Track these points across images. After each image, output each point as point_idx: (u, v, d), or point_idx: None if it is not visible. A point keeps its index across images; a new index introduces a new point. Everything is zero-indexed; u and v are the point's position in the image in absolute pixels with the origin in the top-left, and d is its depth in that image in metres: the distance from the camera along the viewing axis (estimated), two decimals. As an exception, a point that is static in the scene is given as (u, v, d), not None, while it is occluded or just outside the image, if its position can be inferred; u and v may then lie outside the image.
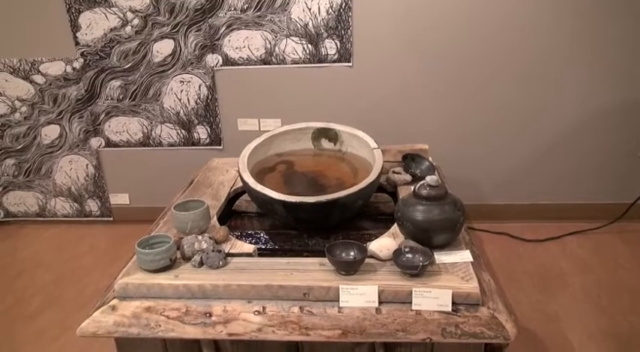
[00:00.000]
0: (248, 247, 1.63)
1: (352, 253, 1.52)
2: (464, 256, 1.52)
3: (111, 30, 2.65)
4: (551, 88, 2.56)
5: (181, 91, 2.73)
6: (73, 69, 2.73)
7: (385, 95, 2.64)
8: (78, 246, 2.82)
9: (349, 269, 1.47)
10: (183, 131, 2.80)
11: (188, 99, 2.74)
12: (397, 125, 2.66)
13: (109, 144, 2.88)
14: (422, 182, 1.58)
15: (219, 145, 2.80)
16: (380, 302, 1.40)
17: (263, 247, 1.77)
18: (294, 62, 2.61)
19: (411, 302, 1.39)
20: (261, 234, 1.84)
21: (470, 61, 2.56)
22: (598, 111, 2.58)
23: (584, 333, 1.96)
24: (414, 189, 1.59)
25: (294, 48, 2.59)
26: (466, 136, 2.69)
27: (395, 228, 1.67)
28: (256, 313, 1.42)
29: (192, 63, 2.67)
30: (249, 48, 2.62)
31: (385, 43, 2.56)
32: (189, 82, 2.71)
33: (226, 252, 1.58)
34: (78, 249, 2.78)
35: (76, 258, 2.69)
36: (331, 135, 2.09)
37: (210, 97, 2.73)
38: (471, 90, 2.61)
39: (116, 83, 2.75)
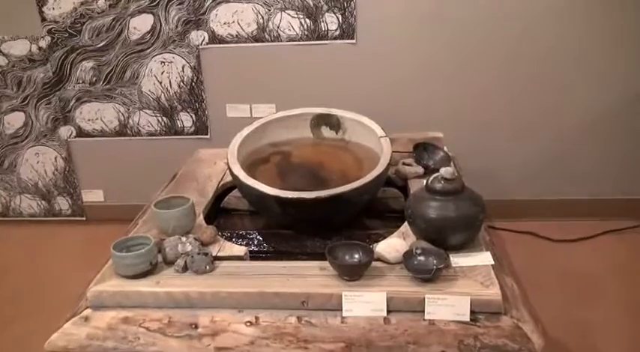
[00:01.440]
0: (239, 249, 1.63)
1: (357, 256, 1.52)
2: (484, 258, 1.52)
3: (81, 4, 2.63)
4: (582, 71, 2.55)
5: (162, 73, 2.72)
6: (39, 48, 2.72)
7: (394, 76, 2.63)
8: (46, 249, 2.82)
9: (353, 273, 1.47)
10: (164, 118, 2.79)
11: (170, 82, 2.74)
12: (408, 111, 2.65)
13: (81, 133, 2.87)
14: (436, 175, 1.58)
15: (206, 134, 2.80)
16: (388, 311, 1.40)
17: (256, 249, 1.77)
18: (291, 39, 2.60)
19: (423, 311, 1.39)
20: (254, 235, 1.84)
21: (491, 40, 2.54)
22: (635, 95, 2.57)
23: (620, 347, 1.95)
24: (427, 182, 1.59)
25: (289, 23, 2.58)
26: (485, 123, 2.68)
27: (405, 226, 1.67)
28: (248, 324, 1.42)
29: (174, 41, 2.66)
30: (238, 23, 2.60)
31: (394, 18, 2.54)
32: (171, 62, 2.70)
33: (214, 255, 1.59)
34: (46, 253, 2.78)
35: (44, 263, 2.69)
36: (333, 122, 2.08)
37: (195, 80, 2.72)
38: (491, 72, 2.59)
39: (88, 64, 2.74)
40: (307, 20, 2.56)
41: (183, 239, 1.60)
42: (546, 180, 2.76)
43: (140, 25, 2.65)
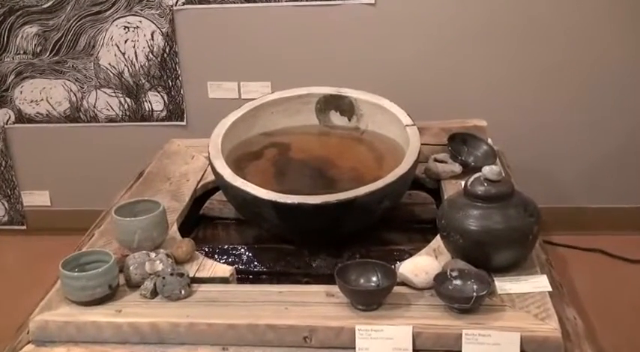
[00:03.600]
0: (223, 269, 1.63)
1: (374, 278, 1.52)
2: (538, 283, 1.52)
3: (23, -49, 2.67)
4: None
5: (126, 42, 2.72)
6: (-32, 9, 2.74)
7: (423, 46, 2.62)
8: (-24, 266, 2.83)
9: (370, 301, 1.47)
10: (128, 100, 2.79)
11: (136, 52, 2.74)
12: (440, 91, 2.64)
13: (21, 118, 2.88)
14: (477, 175, 1.59)
15: (181, 120, 2.80)
16: (415, 351, 1.39)
17: (245, 269, 1.78)
18: (291, -2, 2.64)
19: (460, 351, 1.38)
20: (242, 250, 1.84)
21: (551, 5, 2.53)
22: None
23: None
24: (466, 184, 1.59)
25: (291, -24, 2.61)
26: (542, 110, 2.67)
27: (437, 241, 1.67)
28: (235, 366, 1.42)
29: (141, 0, 2.67)
30: (223, -23, 2.63)
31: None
32: (137, 27, 2.70)
33: (191, 276, 1.58)
34: (-24, 271, 2.79)
35: (-26, 284, 2.69)
36: (344, 106, 2.07)
37: (168, 50, 2.72)
38: (555, 43, 2.58)
39: (31, 30, 2.74)
40: (314, -27, 2.59)
41: (152, 255, 1.59)
42: (620, 183, 2.75)
43: (98, -22, 2.67)
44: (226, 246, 1.86)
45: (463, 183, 1.62)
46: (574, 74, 2.62)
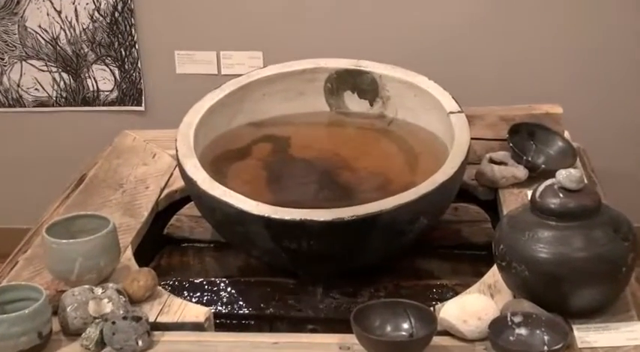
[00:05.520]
0: (196, 311, 1.62)
1: (405, 325, 1.52)
2: (634, 333, 1.50)
3: None
4: None
5: (62, -4, 2.78)
6: None
7: (474, 8, 2.63)
8: None
9: (400, 357, 1.47)
10: (65, 76, 2.80)
11: (76, 10, 2.75)
12: (498, 66, 2.64)
13: None
14: (549, 182, 1.58)
15: (139, 105, 2.82)
16: None
17: (226, 311, 1.78)
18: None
19: None
20: (222, 286, 1.84)
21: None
22: None
23: None
24: (534, 195, 1.59)
25: None
26: (638, 95, 2.69)
27: (493, 274, 1.67)
28: None
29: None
30: None
31: None
32: (78, -24, 2.75)
33: (151, 320, 1.57)
34: None
35: None
36: (365, 85, 2.07)
37: (120, 7, 2.73)
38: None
39: None
40: None
41: (98, 291, 1.58)
42: None
43: None
44: (200, 280, 1.85)
45: (530, 193, 1.62)
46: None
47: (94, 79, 2.80)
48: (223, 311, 1.77)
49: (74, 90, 2.82)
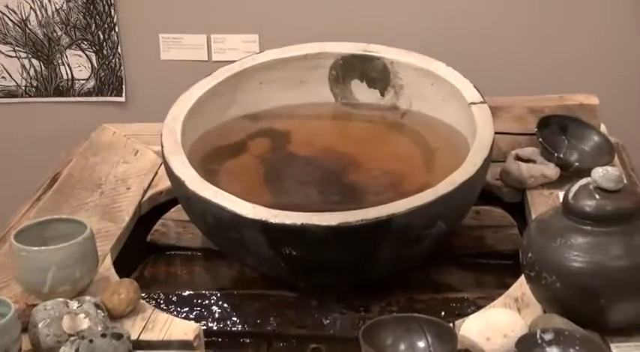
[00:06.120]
0: (184, 328, 1.62)
1: (421, 344, 1.53)
2: (683, 355, 1.49)
3: None
4: None
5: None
6: None
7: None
8: None
9: (416, 380, 1.46)
10: (35, 63, 2.81)
11: (48, -12, 2.79)
12: (526, 51, 2.65)
13: None
14: (583, 181, 1.58)
15: (119, 95, 2.83)
16: None
17: (217, 328, 1.78)
18: None
19: None
20: (214, 299, 1.84)
21: None
22: None
23: None
24: (567, 196, 1.58)
25: None
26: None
27: (521, 285, 1.68)
28: None
29: None
30: None
31: None
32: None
33: (134, 338, 1.56)
34: None
35: None
36: (375, 73, 2.08)
37: (98, -14, 2.78)
38: None
39: None
40: None
41: (74, 305, 1.58)
42: None
43: None
44: (189, 293, 1.85)
45: (562, 194, 1.62)
46: None
47: (69, 65, 2.81)
48: (215, 327, 1.77)
49: (46, 79, 2.82)
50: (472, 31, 2.64)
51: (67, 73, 2.81)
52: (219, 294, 1.84)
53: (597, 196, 1.53)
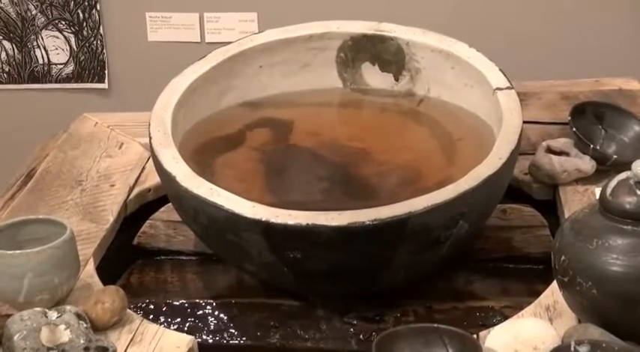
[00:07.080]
0: (176, 340, 1.61)
1: (442, 357, 1.50)
2: None
3: None
4: None
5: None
6: None
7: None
8: None
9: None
10: (7, 45, 2.82)
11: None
12: (556, 31, 2.63)
13: None
14: (623, 175, 1.55)
15: (101, 81, 2.84)
16: None
17: (213, 341, 1.77)
18: None
19: None
20: (209, 309, 1.83)
21: None
22: None
23: None
24: (604, 193, 1.55)
25: None
26: None
27: (552, 293, 1.66)
28: None
29: None
30: None
31: None
32: None
33: (120, 351, 1.55)
34: None
35: None
36: (388, 55, 2.07)
37: (77, -44, 2.74)
38: None
39: None
40: None
41: (53, 316, 1.56)
42: None
43: None
44: (181, 301, 1.85)
45: (599, 190, 1.59)
46: None
47: (45, 48, 2.81)
48: (210, 340, 1.77)
49: (19, 64, 2.84)
50: (497, 7, 2.64)
51: (42, 57, 2.83)
52: (214, 304, 1.84)
53: (638, 192, 1.50)
